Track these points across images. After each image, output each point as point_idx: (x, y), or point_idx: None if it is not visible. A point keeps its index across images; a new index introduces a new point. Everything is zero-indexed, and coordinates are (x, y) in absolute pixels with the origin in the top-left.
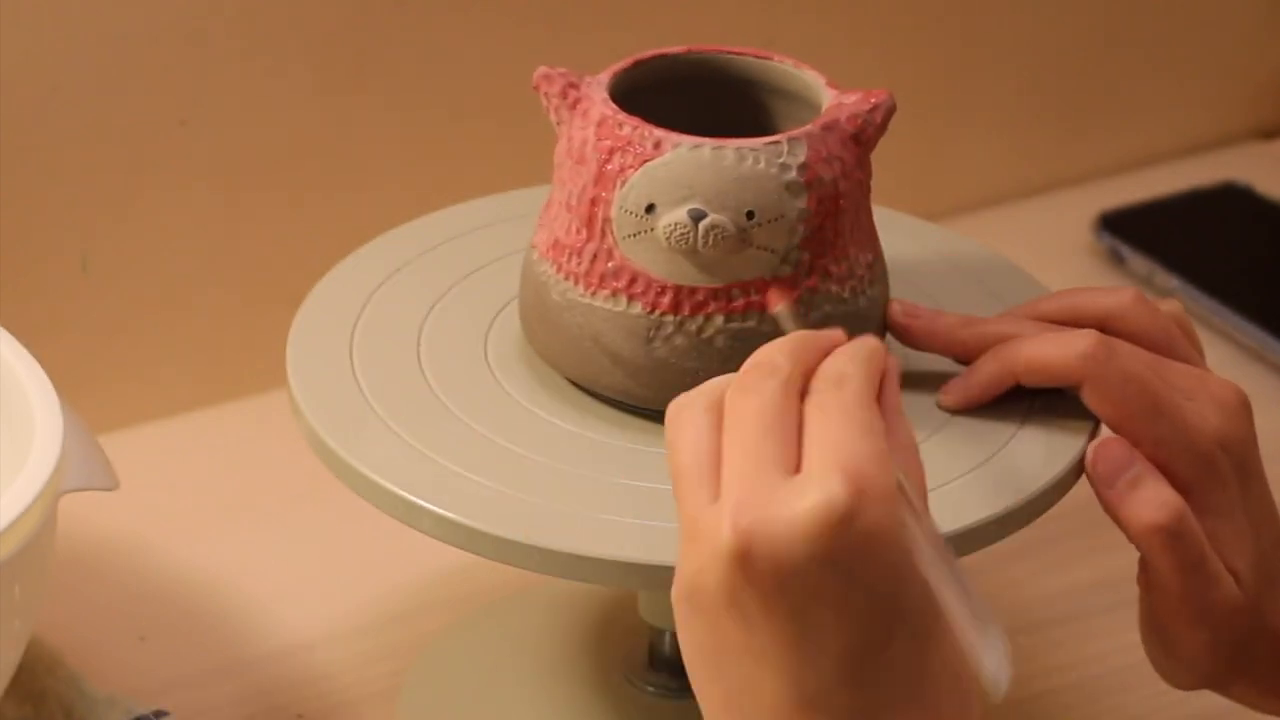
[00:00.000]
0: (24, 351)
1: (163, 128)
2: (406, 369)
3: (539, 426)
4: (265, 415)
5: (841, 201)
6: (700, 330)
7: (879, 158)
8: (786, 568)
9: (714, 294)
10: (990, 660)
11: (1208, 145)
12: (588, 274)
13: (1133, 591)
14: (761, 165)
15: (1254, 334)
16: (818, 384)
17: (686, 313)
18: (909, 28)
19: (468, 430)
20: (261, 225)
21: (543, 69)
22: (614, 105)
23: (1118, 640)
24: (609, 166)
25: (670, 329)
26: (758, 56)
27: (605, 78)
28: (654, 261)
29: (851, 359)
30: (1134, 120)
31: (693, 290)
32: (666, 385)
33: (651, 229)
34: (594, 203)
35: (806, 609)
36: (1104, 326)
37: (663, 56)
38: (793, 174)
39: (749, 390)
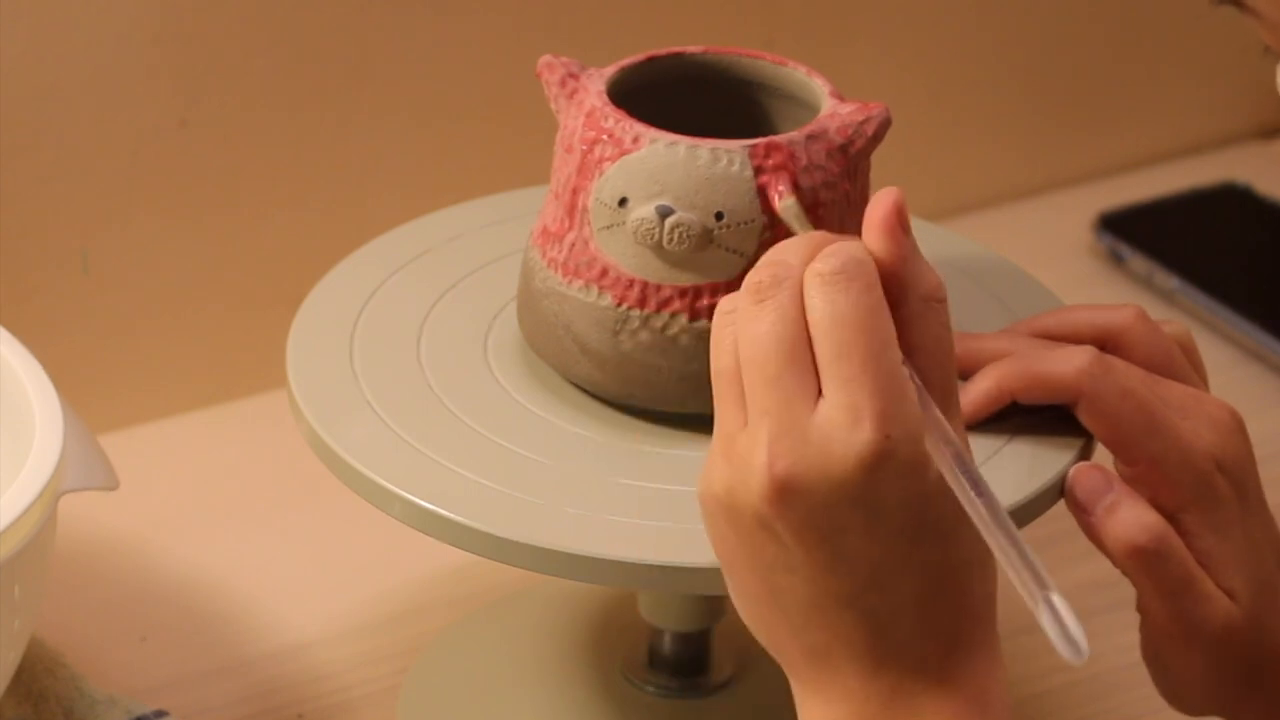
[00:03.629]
0: (24, 351)
1: (163, 128)
2: (406, 369)
3: (539, 426)
4: (265, 415)
5: (820, 211)
6: (665, 328)
7: (879, 158)
8: (820, 509)
9: (680, 293)
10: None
11: (1208, 145)
12: (565, 262)
13: (1132, 591)
14: (735, 167)
15: (1254, 334)
16: (822, 283)
17: (652, 309)
18: (909, 28)
19: (468, 430)
20: (261, 225)
21: (546, 57)
22: (604, 97)
23: (1117, 640)
24: (590, 157)
25: (636, 324)
26: (771, 61)
27: (610, 71)
28: (624, 255)
29: (853, 251)
30: (1134, 120)
31: (659, 287)
32: (632, 379)
33: (623, 222)
34: (575, 192)
35: (838, 536)
36: (1104, 344)
37: (678, 55)
38: (766, 178)
39: (762, 298)
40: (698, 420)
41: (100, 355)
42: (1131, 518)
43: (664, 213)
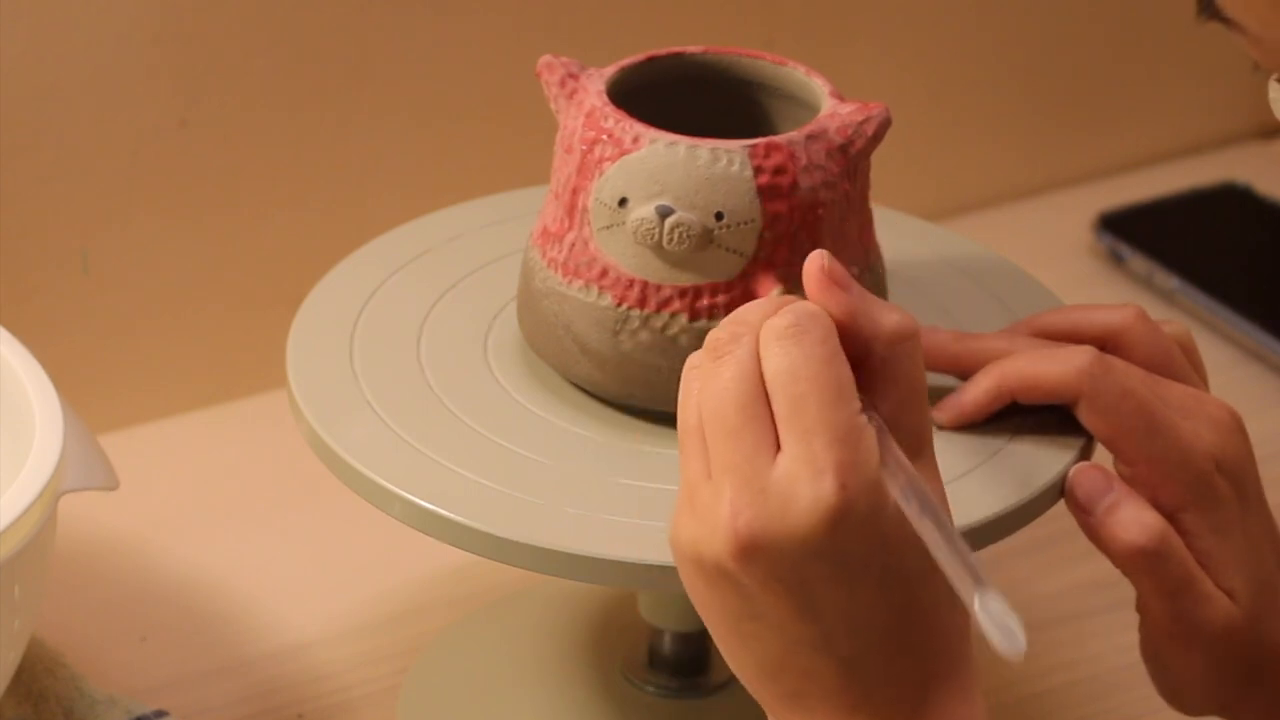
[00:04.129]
0: (24, 351)
1: (163, 128)
2: (406, 369)
3: (539, 426)
4: (265, 415)
5: (821, 211)
6: (665, 328)
7: (879, 158)
8: (785, 563)
9: (680, 293)
10: (991, 610)
11: (1208, 145)
12: (565, 262)
13: (1132, 591)
14: (735, 167)
15: (1254, 334)
16: (776, 339)
17: (652, 309)
18: (909, 28)
19: (468, 430)
20: (261, 225)
21: (546, 57)
22: (604, 98)
23: (1117, 640)
24: (590, 157)
25: (636, 324)
26: (771, 61)
27: (610, 71)
28: (624, 255)
29: (807, 307)
30: (1134, 120)
31: (659, 287)
32: (632, 379)
33: (623, 222)
34: (575, 192)
35: (803, 588)
36: (1104, 344)
37: (678, 55)
38: (766, 178)
39: (720, 355)
40: None
41: (100, 355)
42: (1131, 518)
43: (664, 213)
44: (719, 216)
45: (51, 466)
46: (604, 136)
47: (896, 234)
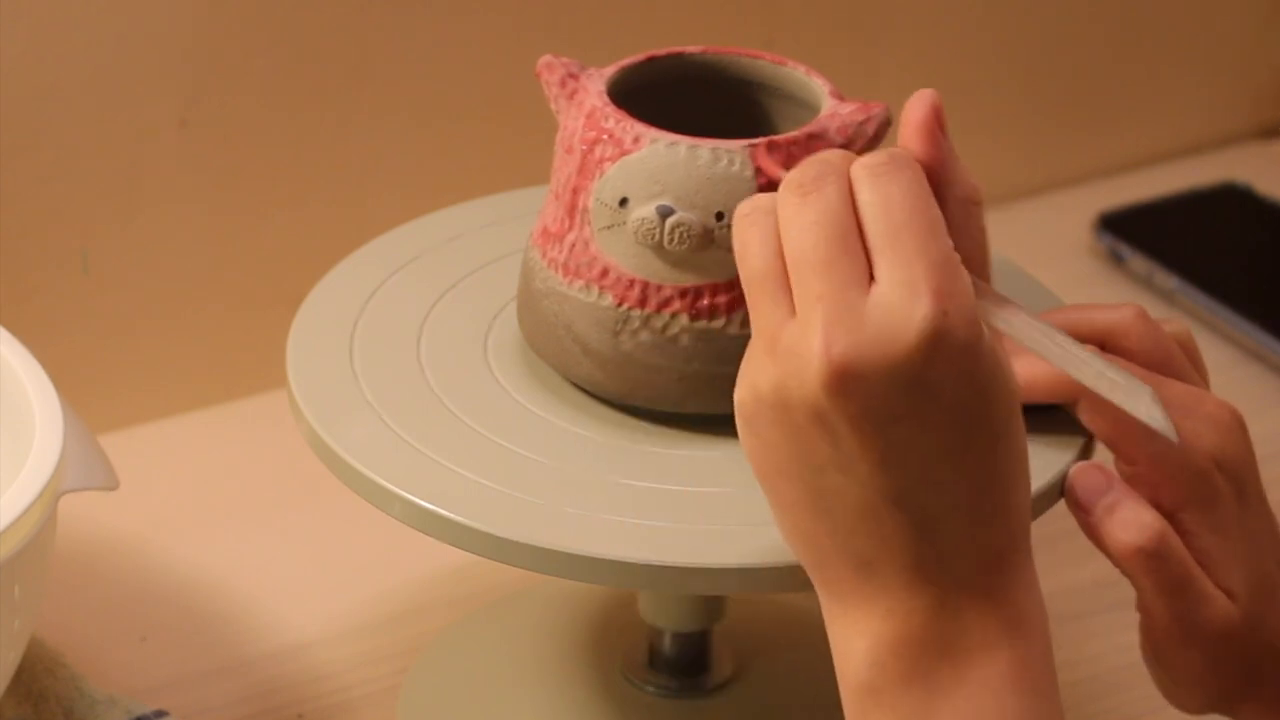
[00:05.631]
0: (24, 351)
1: (163, 128)
2: (406, 369)
3: (539, 426)
4: (265, 415)
5: None
6: (665, 328)
7: None
8: (878, 393)
9: (680, 293)
10: (1140, 401)
11: (1208, 145)
12: (566, 263)
13: (1132, 591)
14: (735, 167)
15: (1254, 334)
16: (870, 174)
17: (652, 309)
18: (909, 28)
19: (468, 430)
20: (262, 225)
21: (546, 57)
22: (605, 98)
23: (1117, 640)
24: (590, 157)
25: (636, 324)
26: (771, 61)
27: (610, 71)
28: (625, 255)
29: (897, 150)
30: (1134, 120)
31: (659, 287)
32: (633, 379)
33: (624, 222)
34: (575, 192)
35: (894, 425)
36: (1104, 343)
37: (678, 55)
38: (766, 179)
39: (807, 192)
40: (698, 420)
41: (100, 355)
42: (1131, 517)
43: (664, 213)
44: (719, 216)
45: (51, 466)
46: (604, 136)
47: None
